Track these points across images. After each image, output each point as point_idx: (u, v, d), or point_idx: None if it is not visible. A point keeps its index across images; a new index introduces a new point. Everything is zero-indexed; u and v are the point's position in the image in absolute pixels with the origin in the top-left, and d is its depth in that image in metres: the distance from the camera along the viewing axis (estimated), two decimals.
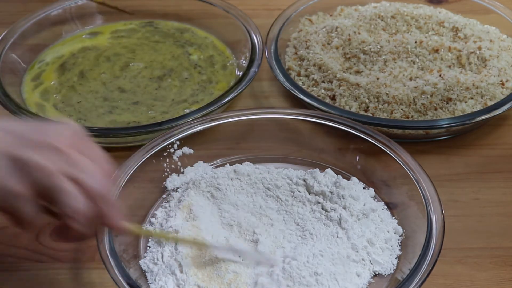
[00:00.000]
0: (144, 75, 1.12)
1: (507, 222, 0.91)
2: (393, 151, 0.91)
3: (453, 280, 0.84)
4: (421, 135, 1.02)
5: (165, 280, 0.80)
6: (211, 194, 0.89)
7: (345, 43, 1.13)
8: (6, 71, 1.10)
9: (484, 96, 1.04)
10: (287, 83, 1.05)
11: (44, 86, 1.10)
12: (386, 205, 0.90)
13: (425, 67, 1.10)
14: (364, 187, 0.92)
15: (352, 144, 0.95)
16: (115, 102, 1.07)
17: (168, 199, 0.91)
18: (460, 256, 0.87)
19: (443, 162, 1.00)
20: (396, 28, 1.17)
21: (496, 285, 0.84)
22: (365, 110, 1.03)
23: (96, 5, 1.22)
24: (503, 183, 0.96)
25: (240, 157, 0.97)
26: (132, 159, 0.91)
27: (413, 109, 1.03)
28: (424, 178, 0.88)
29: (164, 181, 0.93)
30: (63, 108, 1.06)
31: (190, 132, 0.96)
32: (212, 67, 1.14)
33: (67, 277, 0.85)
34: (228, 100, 1.02)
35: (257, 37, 1.12)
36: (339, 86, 1.06)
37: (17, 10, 1.25)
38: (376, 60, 1.10)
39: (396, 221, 0.88)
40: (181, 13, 1.23)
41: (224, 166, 0.94)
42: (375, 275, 0.82)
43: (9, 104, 1.02)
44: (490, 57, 1.09)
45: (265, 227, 0.85)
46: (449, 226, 0.83)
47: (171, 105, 1.06)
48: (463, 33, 1.15)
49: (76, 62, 1.14)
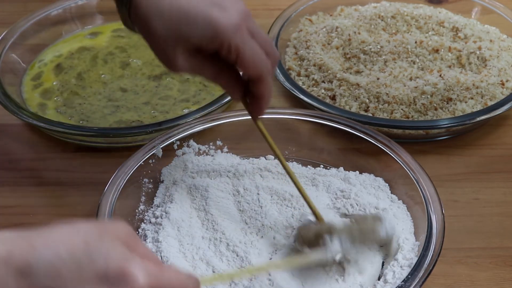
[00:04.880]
0: (144, 73, 1.12)
1: (507, 222, 0.91)
2: (393, 151, 0.91)
3: (453, 280, 0.84)
4: (421, 135, 1.02)
5: None
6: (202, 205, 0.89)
7: (345, 43, 1.13)
8: (6, 71, 1.10)
9: (484, 96, 1.04)
10: (287, 83, 1.05)
11: (44, 86, 1.10)
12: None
13: (425, 67, 1.10)
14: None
15: (352, 144, 0.95)
16: (118, 101, 1.07)
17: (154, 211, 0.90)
18: (460, 256, 0.87)
19: (443, 162, 1.00)
20: (396, 28, 1.17)
21: (496, 285, 0.84)
22: (365, 110, 1.03)
23: (96, 5, 1.22)
24: (503, 183, 0.96)
25: (240, 157, 0.97)
26: (132, 159, 0.91)
27: (413, 109, 1.03)
28: (424, 178, 0.87)
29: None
30: (65, 110, 1.06)
31: (190, 132, 0.96)
32: None
33: None
34: (228, 100, 1.02)
35: None
36: (339, 86, 1.06)
37: (17, 10, 1.25)
38: (376, 60, 1.10)
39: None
40: None
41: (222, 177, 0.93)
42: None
43: (9, 104, 1.02)
44: (490, 57, 1.09)
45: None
46: (449, 226, 0.83)
47: (174, 104, 1.06)
48: (463, 33, 1.15)
49: (72, 64, 1.14)
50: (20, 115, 1.00)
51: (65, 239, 0.57)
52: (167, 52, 0.77)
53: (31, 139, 1.04)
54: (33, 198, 0.96)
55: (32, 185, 0.98)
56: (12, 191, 0.97)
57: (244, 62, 0.76)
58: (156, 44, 0.77)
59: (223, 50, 0.76)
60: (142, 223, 0.88)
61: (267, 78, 0.78)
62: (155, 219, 0.88)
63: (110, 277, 0.57)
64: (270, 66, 0.78)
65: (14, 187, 0.97)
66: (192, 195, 0.90)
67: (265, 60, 0.77)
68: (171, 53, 0.76)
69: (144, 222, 0.88)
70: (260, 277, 0.79)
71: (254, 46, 0.76)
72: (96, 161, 1.00)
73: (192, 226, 0.86)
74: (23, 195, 0.95)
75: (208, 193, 0.89)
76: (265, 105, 0.81)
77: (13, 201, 0.95)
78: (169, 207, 0.88)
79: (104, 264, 0.57)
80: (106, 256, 0.57)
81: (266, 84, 0.78)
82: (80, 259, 0.57)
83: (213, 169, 0.94)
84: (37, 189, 0.97)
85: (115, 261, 0.57)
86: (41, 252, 0.56)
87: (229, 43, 0.75)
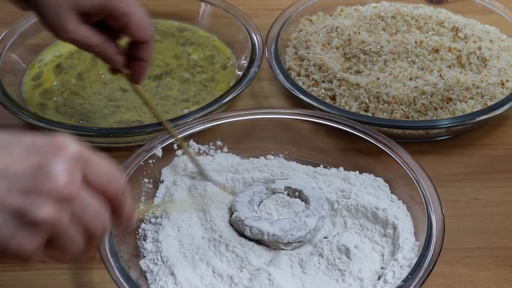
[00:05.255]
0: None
1: (507, 222, 0.91)
2: (393, 151, 0.91)
3: (453, 280, 0.84)
4: (421, 135, 1.02)
5: (165, 280, 0.80)
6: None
7: (345, 43, 1.13)
8: (6, 71, 1.10)
9: (484, 96, 1.04)
10: (287, 83, 1.05)
11: (44, 86, 1.10)
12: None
13: (425, 67, 1.10)
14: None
15: (352, 144, 0.95)
16: (118, 101, 1.07)
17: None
18: (460, 256, 0.87)
19: (443, 162, 1.00)
20: (396, 28, 1.17)
21: (496, 285, 0.84)
22: (365, 110, 1.03)
23: None
24: (503, 183, 0.96)
25: (240, 157, 0.97)
26: (132, 159, 0.91)
27: (413, 109, 1.03)
28: (424, 178, 0.87)
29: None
30: (65, 110, 1.06)
31: (190, 132, 0.96)
32: (212, 66, 1.14)
33: (67, 277, 0.85)
34: (228, 100, 1.02)
35: (257, 37, 1.13)
36: (339, 86, 1.06)
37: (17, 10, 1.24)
38: (376, 60, 1.10)
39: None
40: (181, 13, 1.23)
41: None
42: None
43: (9, 104, 1.02)
44: (490, 57, 1.09)
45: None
46: (449, 226, 0.83)
47: (174, 104, 1.06)
48: (463, 33, 1.15)
49: (72, 64, 1.14)
50: (20, 115, 1.00)
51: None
52: (59, 18, 0.83)
53: None
54: None
55: None
56: None
57: (132, 26, 0.84)
58: (48, 11, 0.83)
59: (111, 17, 0.84)
60: (142, 223, 0.88)
61: (152, 40, 0.86)
62: (155, 219, 0.88)
63: (39, 147, 0.56)
64: (153, 31, 0.86)
65: None
66: (192, 195, 0.90)
67: (150, 24, 0.85)
68: (63, 19, 0.82)
69: (144, 222, 0.88)
70: (260, 277, 0.79)
71: (140, 12, 0.84)
72: None
73: (192, 226, 0.86)
74: None
75: (208, 193, 0.89)
76: (147, 68, 0.88)
77: None
78: (169, 207, 0.88)
79: (31, 140, 0.57)
80: (32, 136, 0.57)
81: (151, 47, 0.86)
82: (5, 141, 0.57)
83: (213, 169, 0.94)
84: None
85: (43, 137, 0.57)
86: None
87: (118, 9, 0.82)
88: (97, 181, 0.58)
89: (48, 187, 0.55)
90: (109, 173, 0.59)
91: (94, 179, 0.58)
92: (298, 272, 0.81)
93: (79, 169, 0.57)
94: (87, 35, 0.84)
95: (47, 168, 0.55)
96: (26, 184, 0.55)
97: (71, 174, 0.56)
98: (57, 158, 0.56)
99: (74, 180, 0.56)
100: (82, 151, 0.57)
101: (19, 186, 0.55)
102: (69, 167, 0.56)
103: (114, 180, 0.60)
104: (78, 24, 0.83)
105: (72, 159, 0.56)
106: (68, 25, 0.83)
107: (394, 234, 0.85)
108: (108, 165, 0.60)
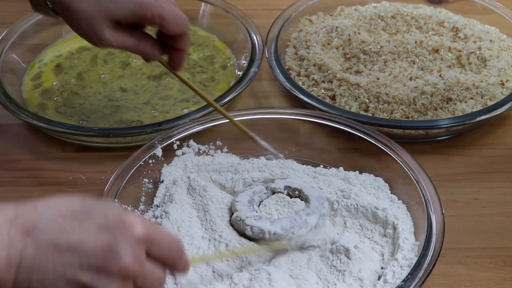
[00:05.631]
0: (144, 73, 1.12)
1: (507, 222, 0.91)
2: (393, 151, 0.91)
3: (453, 280, 0.84)
4: (421, 135, 1.02)
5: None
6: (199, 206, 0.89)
7: (345, 43, 1.13)
8: (6, 71, 1.10)
9: (484, 96, 1.04)
10: (287, 83, 1.05)
11: (44, 86, 1.10)
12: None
13: (425, 67, 1.10)
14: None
15: (352, 144, 0.95)
16: (118, 101, 1.07)
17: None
18: (460, 256, 0.87)
19: (443, 162, 1.00)
20: (396, 28, 1.17)
21: (496, 285, 0.84)
22: (365, 110, 1.03)
23: None
24: (503, 183, 0.96)
25: (240, 157, 0.97)
26: (132, 159, 0.91)
27: (413, 109, 1.03)
28: (424, 178, 0.88)
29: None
30: (65, 110, 1.06)
31: (190, 132, 0.96)
32: (212, 66, 1.14)
33: None
34: (228, 100, 1.02)
35: (257, 37, 1.13)
36: (339, 86, 1.06)
37: (17, 10, 1.25)
38: (376, 60, 1.10)
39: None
40: None
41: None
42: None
43: (9, 104, 1.02)
44: (490, 57, 1.09)
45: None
46: (449, 226, 0.83)
47: (174, 104, 1.06)
48: (463, 33, 1.15)
49: (72, 64, 1.14)
50: (20, 115, 1.00)
51: (63, 201, 0.62)
52: (94, 28, 0.85)
53: (31, 139, 1.04)
54: (33, 198, 0.95)
55: (32, 185, 0.98)
56: (12, 191, 0.97)
57: (167, 24, 0.86)
58: (82, 22, 0.85)
59: (145, 20, 0.86)
60: None
61: (188, 31, 0.88)
62: (155, 219, 0.88)
63: (110, 226, 0.60)
64: (188, 21, 0.88)
65: (14, 187, 0.97)
66: (192, 195, 0.90)
67: (184, 17, 0.87)
68: (98, 29, 0.85)
69: None
70: (260, 277, 0.79)
71: (172, 8, 0.86)
72: (96, 161, 1.00)
73: (192, 226, 0.86)
74: (23, 195, 0.95)
75: (207, 193, 0.89)
76: (185, 55, 0.91)
77: (13, 201, 0.95)
78: (169, 207, 0.88)
79: (103, 217, 0.61)
80: (104, 211, 0.61)
81: (187, 37, 0.89)
82: (80, 215, 0.61)
83: (213, 169, 0.94)
84: (37, 189, 0.97)
85: (113, 213, 0.61)
86: (43, 211, 0.61)
87: (149, 13, 0.84)
88: (159, 253, 0.63)
89: (116, 267, 0.60)
90: (170, 242, 0.64)
91: (157, 253, 0.63)
92: (298, 272, 0.81)
93: (143, 248, 0.61)
94: (122, 40, 0.86)
95: (116, 250, 0.60)
96: (97, 263, 0.59)
97: (136, 255, 0.60)
98: (125, 240, 0.60)
99: (139, 259, 0.61)
100: (147, 230, 0.62)
101: (91, 264, 0.59)
102: (135, 249, 0.60)
103: (174, 248, 0.64)
104: (113, 32, 0.85)
105: (138, 240, 0.61)
106: (104, 34, 0.85)
107: (394, 234, 0.85)
108: (168, 236, 0.64)
